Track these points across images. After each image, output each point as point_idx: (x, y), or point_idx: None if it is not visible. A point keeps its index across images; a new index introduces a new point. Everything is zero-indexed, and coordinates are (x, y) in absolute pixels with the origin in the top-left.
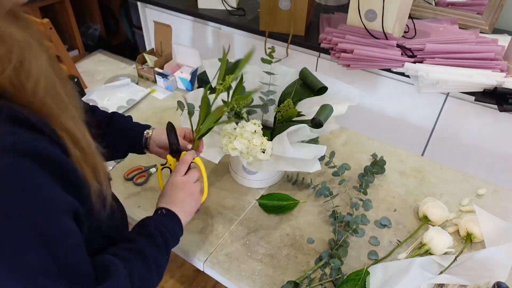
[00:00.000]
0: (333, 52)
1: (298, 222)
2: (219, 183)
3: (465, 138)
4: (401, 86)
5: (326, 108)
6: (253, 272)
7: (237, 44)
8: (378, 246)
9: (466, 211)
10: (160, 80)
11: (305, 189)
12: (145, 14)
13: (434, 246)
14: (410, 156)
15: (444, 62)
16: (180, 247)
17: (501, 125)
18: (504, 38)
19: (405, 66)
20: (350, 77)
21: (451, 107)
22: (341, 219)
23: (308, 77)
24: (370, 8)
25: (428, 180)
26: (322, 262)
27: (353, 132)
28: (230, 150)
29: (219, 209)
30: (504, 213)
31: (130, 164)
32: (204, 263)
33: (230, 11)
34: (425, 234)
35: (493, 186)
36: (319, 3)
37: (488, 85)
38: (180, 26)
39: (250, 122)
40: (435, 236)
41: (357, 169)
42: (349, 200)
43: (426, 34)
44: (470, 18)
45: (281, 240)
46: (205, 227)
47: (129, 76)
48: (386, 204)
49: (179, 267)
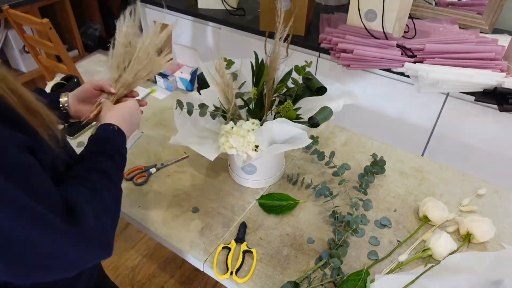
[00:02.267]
0: (333, 52)
1: (298, 222)
2: (219, 183)
3: (465, 138)
4: (401, 86)
5: (325, 109)
6: (253, 272)
7: (237, 44)
8: (378, 246)
9: (466, 211)
10: (160, 80)
11: (305, 189)
12: (145, 14)
13: (438, 251)
14: (410, 156)
15: (444, 62)
16: (180, 247)
17: (501, 125)
18: (504, 38)
19: (405, 66)
20: (350, 77)
21: (451, 107)
22: (341, 219)
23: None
24: (370, 8)
25: (428, 180)
26: (322, 262)
27: (353, 132)
28: (227, 148)
29: (219, 209)
30: (504, 213)
31: (130, 164)
32: (204, 263)
33: (230, 11)
34: (429, 239)
35: (493, 186)
36: (319, 3)
37: (488, 85)
38: (180, 26)
39: (249, 122)
40: (439, 240)
41: (357, 169)
42: (349, 200)
43: (426, 34)
44: (470, 18)
45: (281, 240)
46: (205, 227)
47: None
48: (386, 204)
49: (179, 267)
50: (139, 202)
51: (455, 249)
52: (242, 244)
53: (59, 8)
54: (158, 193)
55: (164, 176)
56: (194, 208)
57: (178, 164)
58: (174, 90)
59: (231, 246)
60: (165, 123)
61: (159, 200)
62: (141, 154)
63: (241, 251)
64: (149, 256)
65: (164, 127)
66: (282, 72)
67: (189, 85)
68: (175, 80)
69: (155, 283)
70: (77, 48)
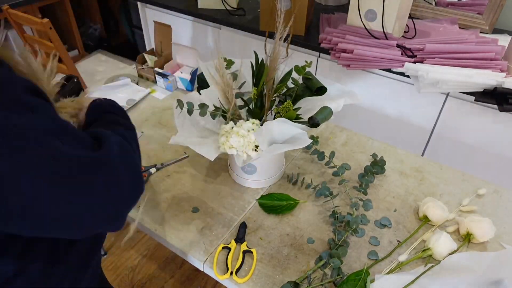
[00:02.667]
0: (333, 52)
1: (298, 222)
2: (219, 183)
3: (465, 138)
4: (401, 86)
5: (325, 109)
6: (253, 272)
7: (237, 44)
8: (378, 246)
9: (466, 211)
10: (160, 80)
11: (305, 189)
12: (145, 14)
13: (438, 251)
14: (410, 156)
15: (444, 62)
16: (180, 247)
17: (501, 125)
18: (504, 38)
19: (405, 66)
20: (350, 77)
21: (451, 107)
22: (341, 219)
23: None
24: (370, 8)
25: (428, 180)
26: (322, 262)
27: (353, 132)
28: (227, 148)
29: (219, 209)
30: (504, 213)
31: None
32: (204, 263)
33: (230, 11)
34: (429, 239)
35: (493, 186)
36: (319, 3)
37: (488, 85)
38: (180, 26)
39: (249, 121)
40: (439, 240)
41: (357, 169)
42: (349, 200)
43: (426, 34)
44: (470, 18)
45: (281, 240)
46: (205, 227)
47: (129, 76)
48: (386, 204)
49: (179, 267)
50: (139, 202)
51: (455, 249)
52: (242, 244)
53: (59, 8)
54: (158, 193)
55: (164, 176)
56: (194, 208)
57: (178, 164)
58: (174, 90)
59: (231, 246)
60: (165, 123)
61: (159, 200)
62: (141, 154)
63: (241, 251)
64: (149, 256)
65: (164, 127)
66: (282, 72)
67: (189, 85)
68: (175, 80)
69: (155, 283)
70: (77, 48)
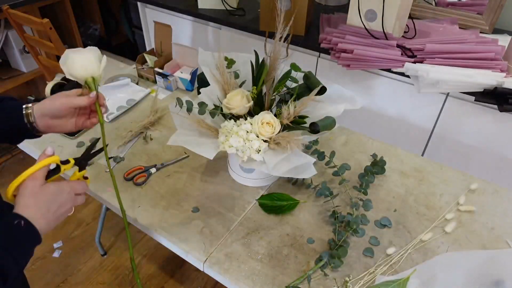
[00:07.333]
0: (333, 52)
1: (298, 222)
2: (219, 183)
3: (465, 138)
4: (401, 86)
5: (328, 118)
6: (253, 272)
7: (237, 44)
8: (378, 246)
9: (465, 211)
10: (160, 80)
11: (305, 189)
12: (145, 14)
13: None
14: (410, 156)
15: (444, 62)
16: (180, 247)
17: (501, 125)
18: (504, 38)
19: (405, 66)
20: (350, 77)
21: (451, 107)
22: (341, 219)
23: (310, 78)
24: (370, 8)
25: (428, 180)
26: (322, 262)
27: (353, 132)
28: (227, 147)
29: (219, 209)
30: (503, 213)
31: (130, 164)
32: (204, 263)
33: (230, 11)
34: None
35: (493, 186)
36: (319, 3)
37: (488, 85)
38: (180, 26)
39: (248, 121)
40: None
41: (357, 169)
42: (349, 200)
43: (426, 34)
44: (470, 18)
45: (281, 240)
46: (205, 227)
47: (129, 76)
48: (386, 204)
49: (179, 267)
50: (139, 202)
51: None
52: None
53: (59, 8)
54: (158, 193)
55: (164, 176)
56: (194, 208)
57: (178, 164)
58: (174, 90)
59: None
60: (165, 123)
61: (159, 200)
62: (141, 154)
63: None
64: (149, 256)
65: (164, 127)
66: (282, 72)
67: (189, 85)
68: (175, 80)
69: (155, 283)
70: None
